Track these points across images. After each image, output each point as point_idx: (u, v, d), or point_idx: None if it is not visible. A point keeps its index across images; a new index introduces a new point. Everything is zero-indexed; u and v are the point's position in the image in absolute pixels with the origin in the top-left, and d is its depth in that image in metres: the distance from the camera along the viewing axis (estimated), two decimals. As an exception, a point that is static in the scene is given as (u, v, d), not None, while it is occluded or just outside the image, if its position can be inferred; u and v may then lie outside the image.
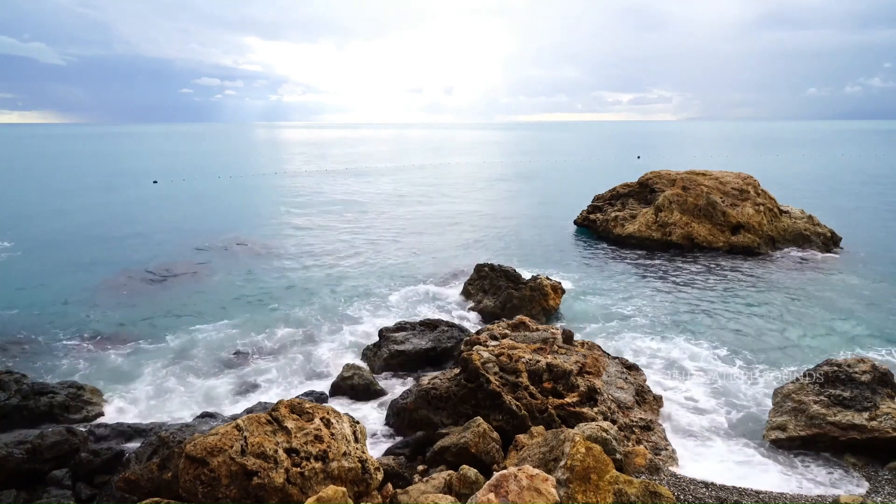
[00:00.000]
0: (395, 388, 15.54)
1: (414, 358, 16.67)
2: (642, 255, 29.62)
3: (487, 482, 7.90)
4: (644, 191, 34.81)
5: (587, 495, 8.01)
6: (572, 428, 10.78)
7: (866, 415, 11.67)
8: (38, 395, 13.93)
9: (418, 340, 17.23)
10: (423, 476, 10.50)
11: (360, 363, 16.90)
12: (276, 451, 8.62)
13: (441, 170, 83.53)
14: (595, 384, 12.95)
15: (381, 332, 18.13)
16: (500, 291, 21.23)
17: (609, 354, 15.62)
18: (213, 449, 8.45)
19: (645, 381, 14.60)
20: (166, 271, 27.34)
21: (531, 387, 12.59)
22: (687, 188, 31.73)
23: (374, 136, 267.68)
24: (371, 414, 14.22)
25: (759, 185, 32.70)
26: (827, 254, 29.32)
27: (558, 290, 21.39)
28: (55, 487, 10.69)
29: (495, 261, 23.77)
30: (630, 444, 11.43)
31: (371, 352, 17.52)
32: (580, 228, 36.62)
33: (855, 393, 12.13)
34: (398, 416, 13.38)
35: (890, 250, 29.95)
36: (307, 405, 9.75)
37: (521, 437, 11.02)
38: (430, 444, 11.68)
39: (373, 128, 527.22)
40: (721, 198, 31.02)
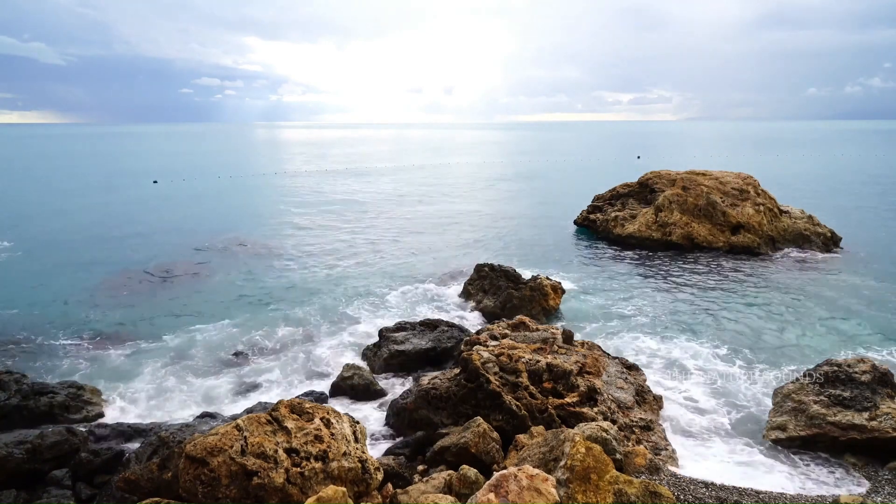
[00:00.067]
0: (395, 388, 15.55)
1: (414, 358, 16.67)
2: (642, 255, 29.62)
3: (487, 482, 7.90)
4: (644, 191, 34.83)
5: (587, 495, 8.01)
6: (572, 428, 10.78)
7: (866, 415, 11.66)
8: (38, 395, 13.94)
9: (418, 340, 17.22)
10: (423, 476, 10.49)
11: (360, 363, 16.91)
12: (276, 451, 8.62)
13: (441, 170, 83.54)
14: (595, 384, 12.95)
15: (381, 332, 18.13)
16: (500, 291, 21.23)
17: (609, 354, 15.62)
18: (213, 449, 8.45)
19: (645, 380, 14.60)
20: (166, 271, 27.34)
21: (531, 387, 12.59)
22: (687, 188, 31.72)
23: (374, 136, 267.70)
24: (371, 414, 14.23)
25: (759, 185, 32.70)
26: (827, 254, 29.32)
27: (558, 290, 21.39)
28: (55, 487, 10.70)
29: (495, 261, 23.76)
30: (630, 444, 11.42)
31: (371, 352, 17.52)
32: (580, 228, 36.64)
33: (855, 393, 12.13)
34: (398, 416, 13.37)
35: (890, 250, 29.96)
36: (307, 405, 9.75)
37: (521, 437, 11.02)
38: (430, 444, 11.67)
39: (373, 128, 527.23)
40: (721, 198, 31.01)
